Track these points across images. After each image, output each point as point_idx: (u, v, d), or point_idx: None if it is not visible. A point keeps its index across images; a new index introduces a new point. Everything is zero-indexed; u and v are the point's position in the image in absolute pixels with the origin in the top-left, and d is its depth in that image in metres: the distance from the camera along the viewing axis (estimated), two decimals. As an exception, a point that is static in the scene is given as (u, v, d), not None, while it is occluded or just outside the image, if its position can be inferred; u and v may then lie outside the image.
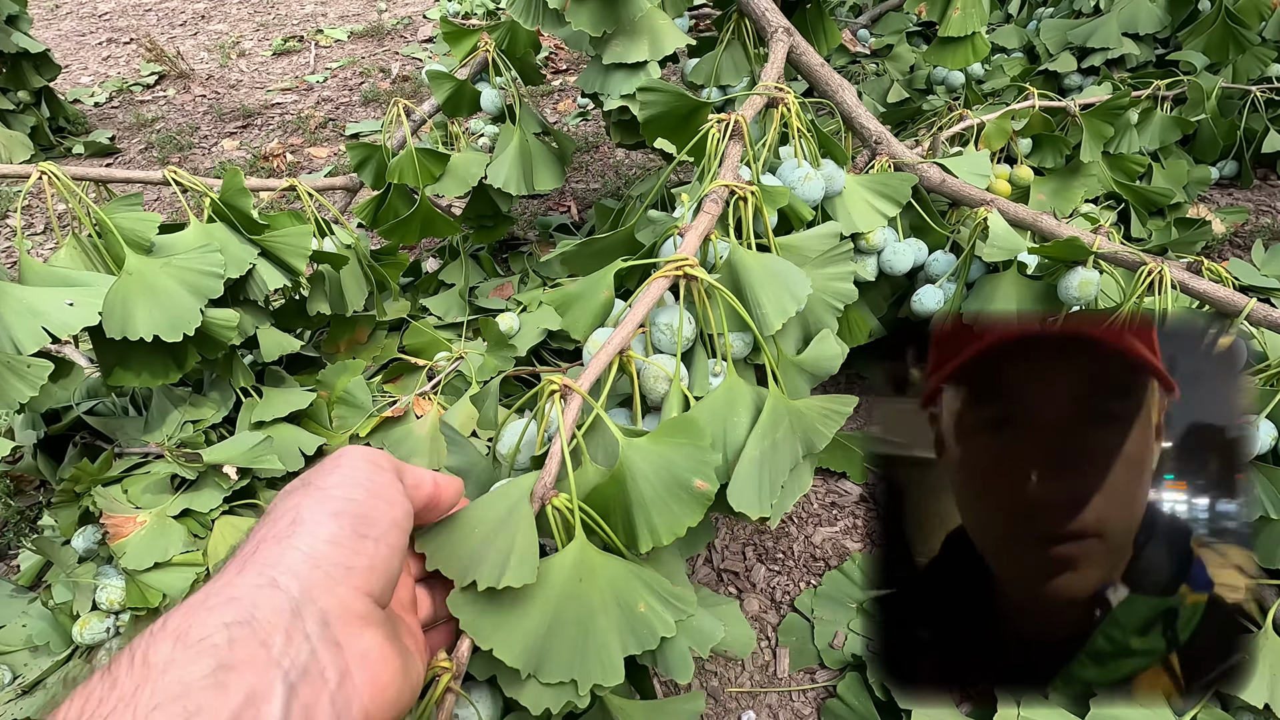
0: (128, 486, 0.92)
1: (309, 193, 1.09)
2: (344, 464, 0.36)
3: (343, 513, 0.33)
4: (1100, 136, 1.27)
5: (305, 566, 0.31)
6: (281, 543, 0.31)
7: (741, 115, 0.70)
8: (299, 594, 0.30)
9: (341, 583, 0.32)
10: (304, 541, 0.32)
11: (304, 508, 0.33)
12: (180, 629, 0.27)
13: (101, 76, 2.72)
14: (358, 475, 0.36)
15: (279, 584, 0.30)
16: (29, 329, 0.74)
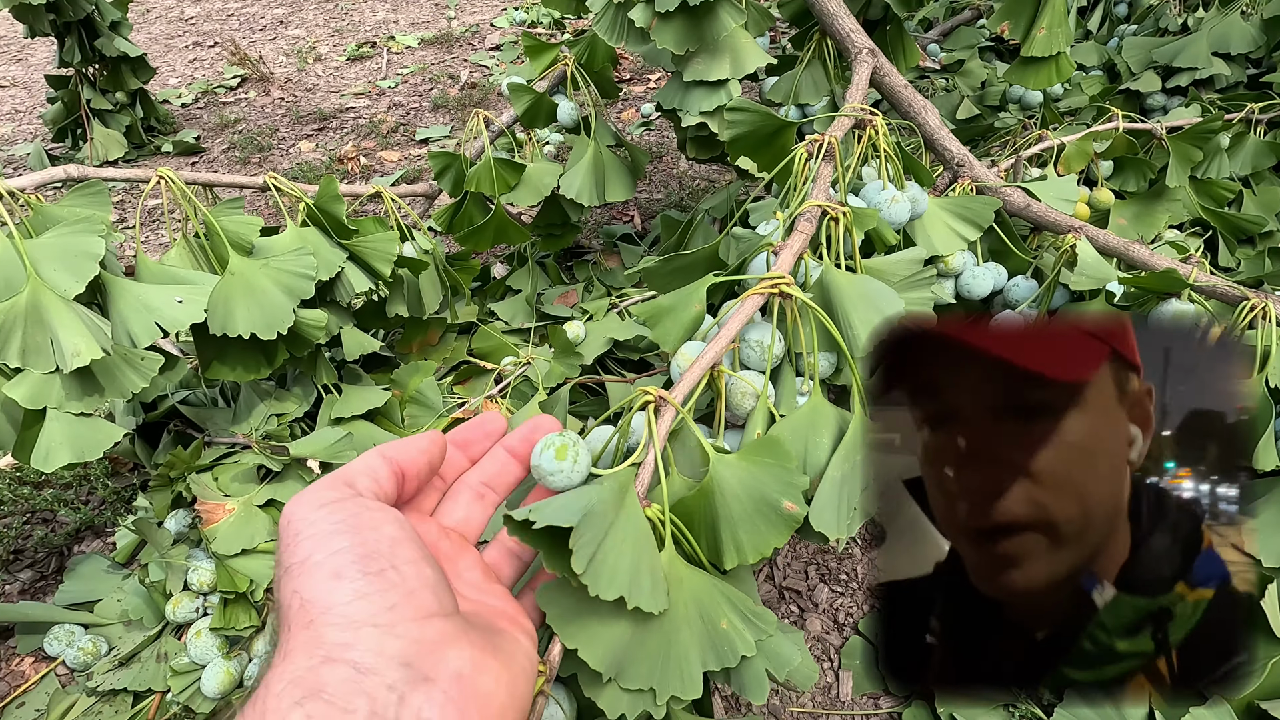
0: (218, 474, 0.97)
1: (393, 198, 1.13)
2: (299, 525, 0.32)
3: (340, 568, 0.30)
4: (1188, 160, 1.22)
5: (350, 634, 0.28)
6: (310, 627, 0.29)
7: (834, 136, 0.70)
8: (360, 656, 0.28)
9: (397, 623, 0.29)
10: (332, 616, 0.29)
11: (302, 590, 0.30)
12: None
13: (188, 79, 2.87)
14: (319, 526, 0.32)
15: (333, 657, 0.27)
16: (143, 323, 0.79)
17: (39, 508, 1.13)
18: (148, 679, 0.86)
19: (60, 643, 0.90)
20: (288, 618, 0.30)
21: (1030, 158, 1.20)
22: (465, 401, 1.18)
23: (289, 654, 0.28)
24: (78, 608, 0.96)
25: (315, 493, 0.34)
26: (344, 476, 0.36)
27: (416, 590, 0.31)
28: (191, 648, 0.86)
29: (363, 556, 0.31)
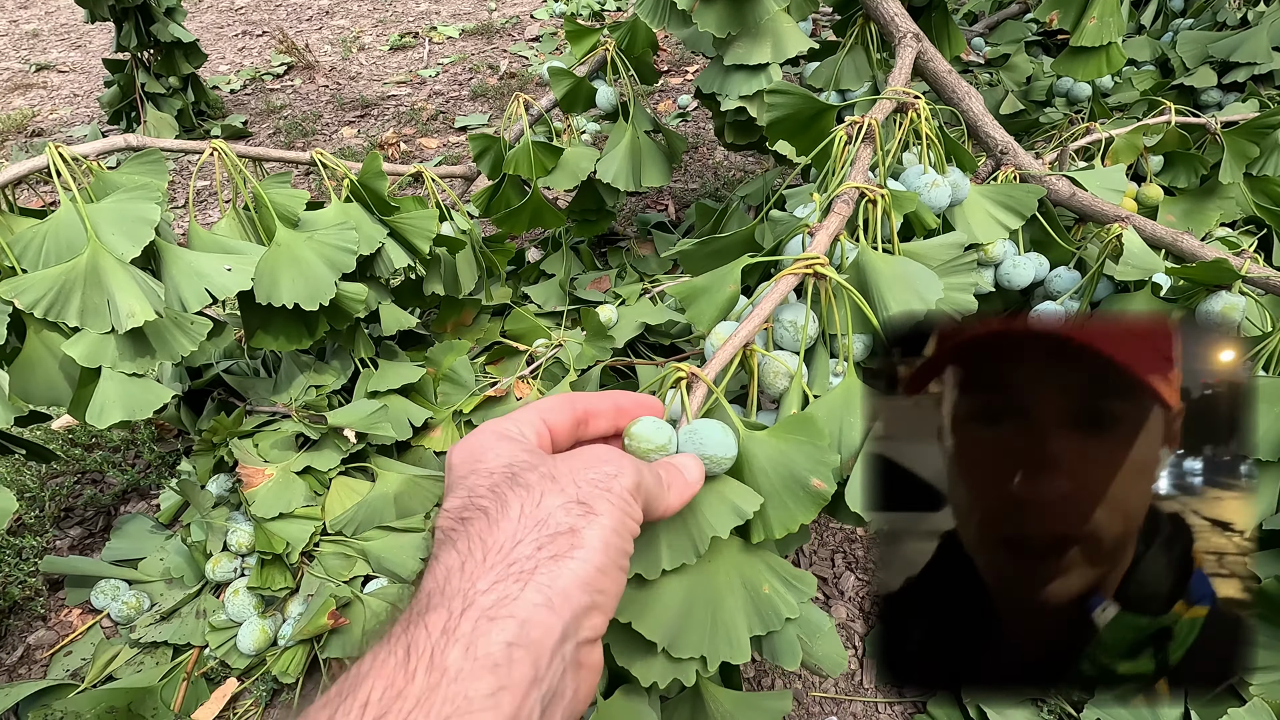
0: (259, 441, 1.00)
1: (433, 179, 1.15)
2: (614, 491, 0.36)
3: (611, 544, 0.34)
4: (1243, 157, 1.18)
5: (579, 592, 0.32)
6: (559, 562, 0.32)
7: (874, 119, 0.70)
8: (569, 620, 0.31)
9: (598, 610, 0.33)
10: (581, 567, 0.32)
11: (584, 531, 0.33)
12: (469, 638, 0.29)
13: (237, 66, 2.94)
14: (619, 509, 0.35)
15: (554, 606, 0.31)
16: (194, 289, 0.82)
17: (89, 469, 1.18)
18: (187, 634, 0.89)
19: (106, 596, 0.94)
20: (548, 539, 0.32)
21: (1077, 150, 1.17)
22: (497, 381, 1.20)
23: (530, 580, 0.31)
24: (123, 564, 1.00)
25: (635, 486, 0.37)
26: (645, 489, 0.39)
27: (616, 596, 0.35)
28: (229, 605, 0.89)
29: (622, 549, 0.35)
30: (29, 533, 1.06)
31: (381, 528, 0.97)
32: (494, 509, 0.33)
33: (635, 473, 0.38)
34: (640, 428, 0.46)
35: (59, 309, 0.74)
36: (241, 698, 0.87)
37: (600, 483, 0.36)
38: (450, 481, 0.37)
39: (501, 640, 0.29)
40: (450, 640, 0.28)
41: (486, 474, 0.36)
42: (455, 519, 0.34)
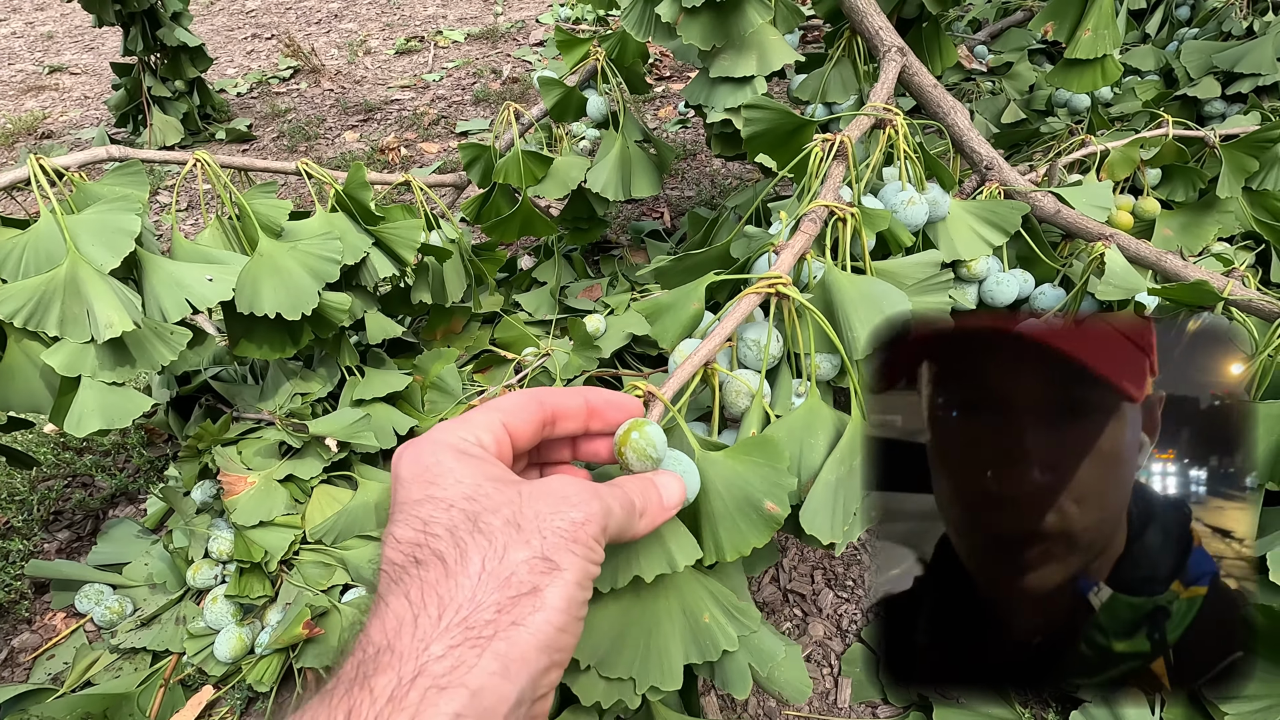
0: (242, 448, 1.01)
1: (421, 188, 1.16)
2: (581, 541, 0.33)
3: (574, 599, 0.32)
4: (1242, 171, 1.17)
5: (537, 655, 0.30)
6: (518, 627, 0.30)
7: (847, 136, 0.69)
8: (525, 684, 0.29)
9: (557, 667, 0.31)
10: (542, 629, 0.30)
11: (546, 592, 0.31)
12: (415, 709, 0.27)
13: (244, 69, 2.97)
14: (584, 559, 0.33)
15: (510, 674, 0.29)
16: (174, 299, 0.82)
17: (79, 472, 1.19)
18: (166, 640, 0.90)
19: (90, 600, 0.94)
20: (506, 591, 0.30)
21: (1071, 163, 1.16)
22: (485, 389, 1.20)
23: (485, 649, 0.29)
24: (108, 569, 1.01)
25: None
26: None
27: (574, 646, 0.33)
28: (207, 613, 0.89)
29: (582, 602, 0.33)
30: (17, 536, 1.08)
31: (362, 537, 0.97)
32: (451, 558, 0.31)
33: (603, 514, 0.35)
34: (653, 432, 0.44)
35: (38, 319, 0.75)
36: (217, 705, 0.87)
37: (567, 532, 0.33)
38: (399, 499, 0.35)
39: (449, 711, 0.27)
40: (396, 710, 0.27)
41: (444, 505, 0.33)
42: (407, 556, 0.32)
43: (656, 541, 0.48)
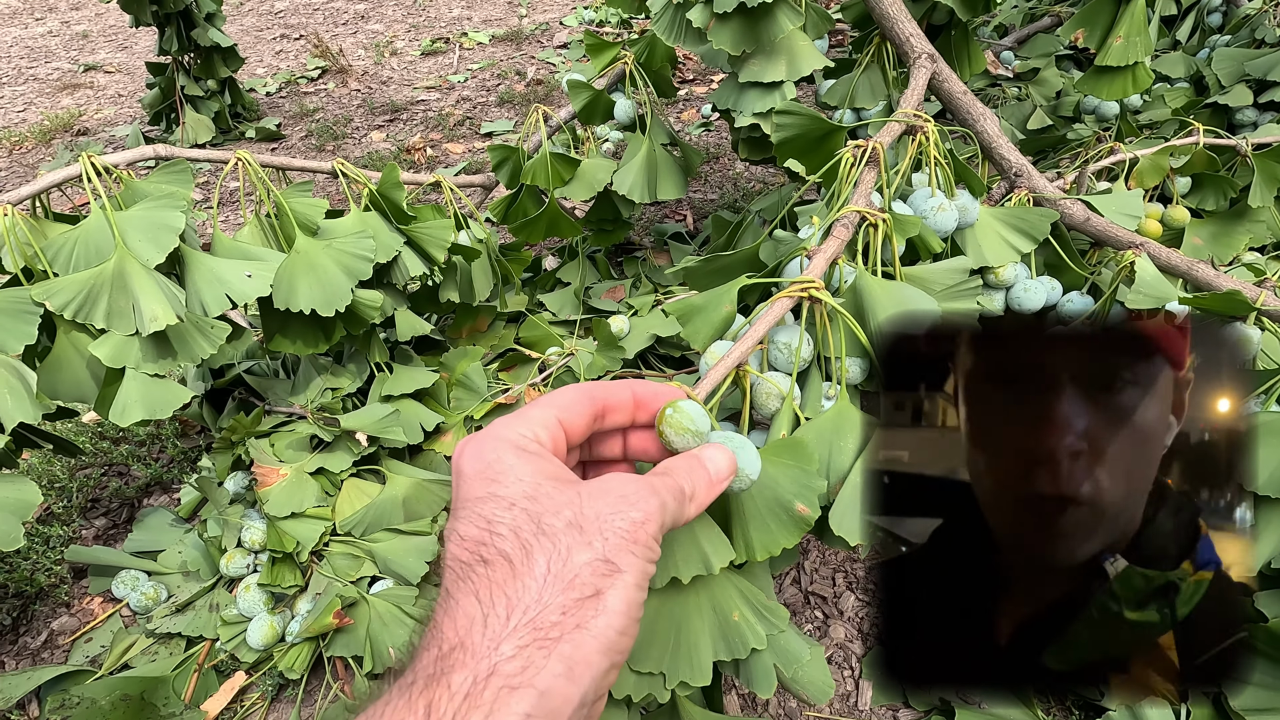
0: (275, 441, 1.03)
1: (451, 188, 1.18)
2: (640, 542, 0.34)
3: (633, 602, 0.33)
4: (1275, 180, 1.15)
5: (599, 658, 0.31)
6: (582, 630, 0.31)
7: (879, 142, 0.70)
8: (588, 686, 0.30)
9: (616, 668, 0.32)
10: (604, 632, 0.31)
11: (608, 595, 0.32)
12: (490, 707, 0.28)
13: (274, 69, 3.02)
14: (643, 559, 0.34)
15: (574, 676, 0.30)
16: (215, 295, 0.85)
17: (115, 461, 1.22)
18: (200, 626, 0.92)
19: (126, 586, 0.97)
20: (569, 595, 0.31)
21: (1099, 171, 1.15)
22: (509, 388, 1.22)
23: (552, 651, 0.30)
24: (144, 556, 1.03)
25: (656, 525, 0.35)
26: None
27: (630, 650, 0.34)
28: (240, 601, 0.91)
29: (639, 602, 0.34)
30: (57, 522, 1.11)
31: (389, 530, 0.99)
32: (517, 559, 0.32)
33: (660, 511, 0.36)
34: (689, 407, 0.43)
35: (87, 311, 0.78)
36: (249, 691, 0.89)
37: (627, 533, 0.34)
38: (462, 496, 0.35)
39: (520, 711, 0.28)
40: (473, 708, 0.28)
41: (506, 504, 0.34)
42: (473, 555, 0.33)
43: (691, 543, 0.49)
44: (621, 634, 0.32)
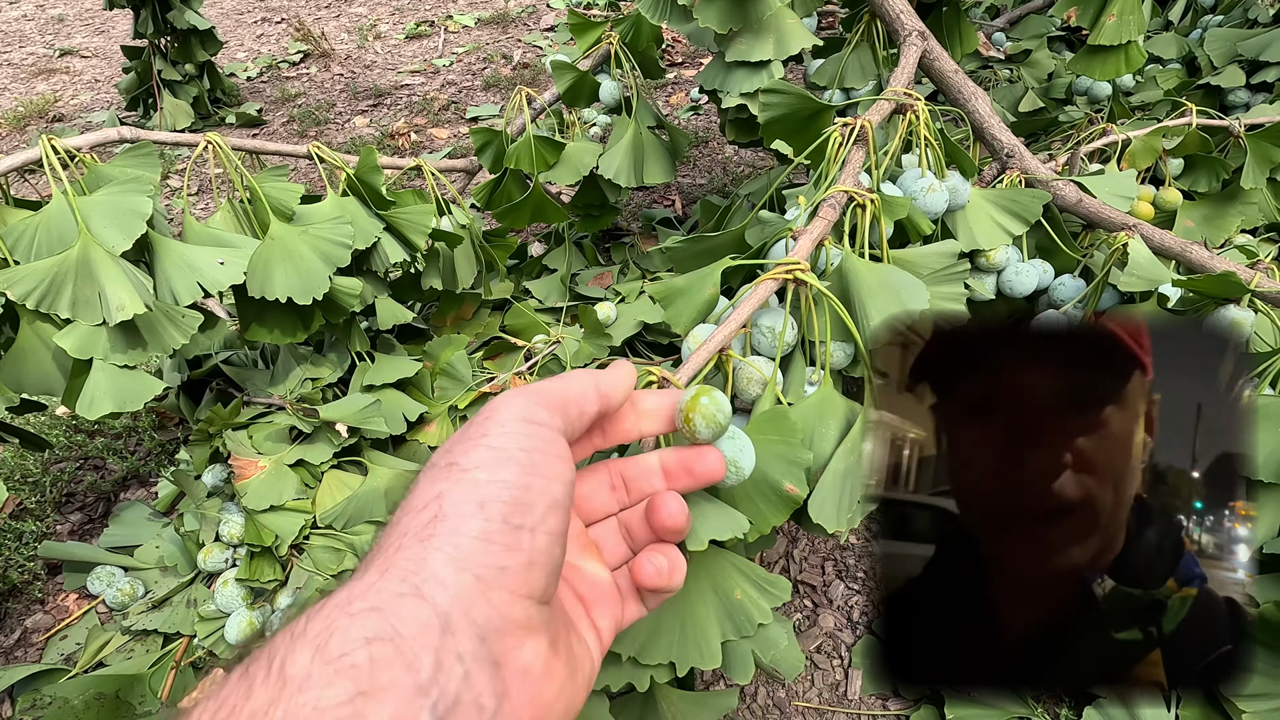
0: (253, 433, 1.01)
1: (432, 173, 1.15)
2: (492, 431, 0.31)
3: (490, 500, 0.28)
4: (1268, 161, 1.14)
5: (452, 571, 0.26)
6: (424, 542, 0.27)
7: (868, 120, 0.68)
8: (448, 605, 0.26)
9: (496, 587, 0.27)
10: (448, 541, 0.27)
11: (446, 497, 0.28)
12: (320, 637, 0.24)
13: (255, 53, 2.96)
14: (508, 445, 0.30)
15: (424, 593, 0.26)
16: (186, 283, 0.82)
17: (91, 455, 1.20)
18: (177, 623, 0.90)
19: (101, 582, 0.95)
20: (412, 520, 0.28)
21: (1091, 153, 1.14)
22: (494, 376, 1.20)
23: (390, 566, 0.27)
24: (120, 551, 1.01)
25: (530, 403, 0.33)
26: (562, 396, 0.35)
27: (536, 564, 0.28)
28: (218, 596, 0.89)
29: (513, 502, 0.29)
30: (30, 517, 1.08)
31: (371, 522, 0.97)
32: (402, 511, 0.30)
33: (524, 393, 0.33)
34: (722, 398, 0.41)
35: (50, 300, 0.75)
36: (228, 687, 0.88)
37: (470, 435, 0.31)
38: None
39: (359, 636, 0.24)
40: (299, 643, 0.24)
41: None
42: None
43: (699, 516, 0.48)
44: (482, 541, 0.28)
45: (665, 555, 0.39)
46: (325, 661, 0.23)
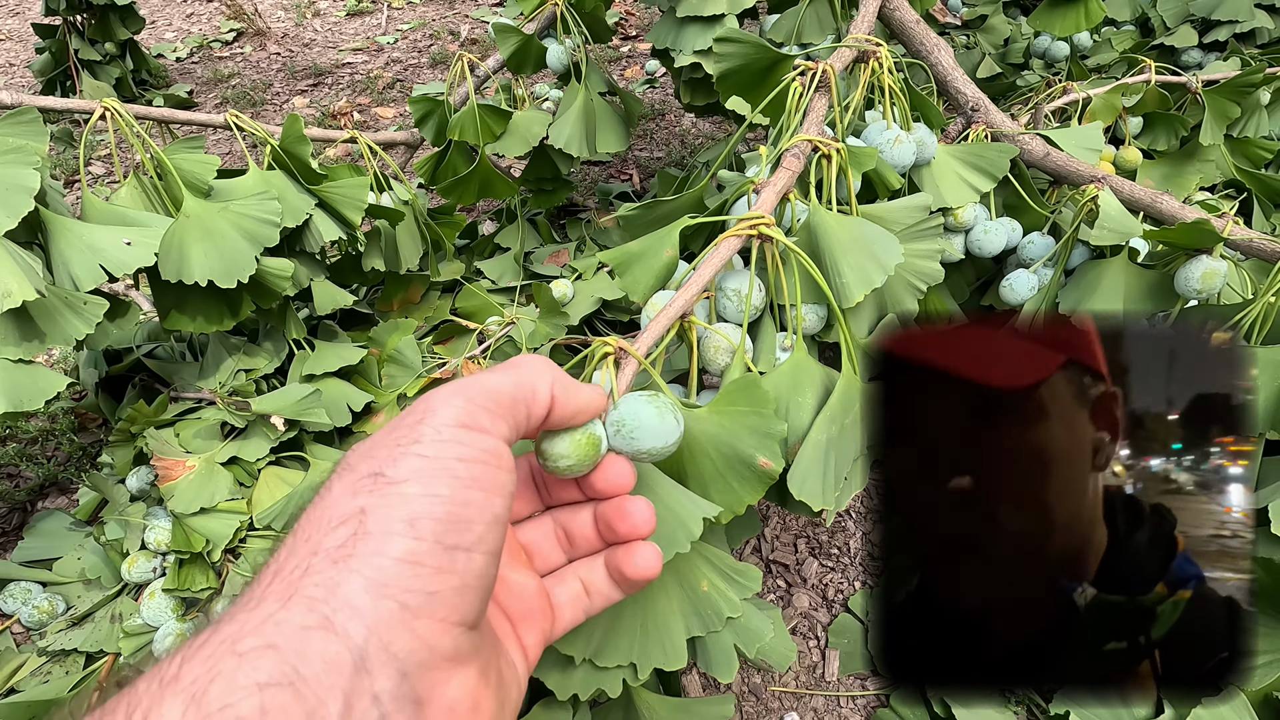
0: (180, 430, 0.93)
1: (369, 146, 1.07)
2: (425, 437, 0.27)
3: (421, 517, 0.25)
4: (1224, 117, 1.13)
5: (371, 598, 0.23)
6: (339, 564, 0.23)
7: (830, 65, 0.63)
8: (364, 639, 0.22)
9: (423, 615, 0.23)
10: (368, 563, 0.23)
11: (370, 513, 0.24)
12: (198, 684, 0.20)
13: (184, 33, 2.79)
14: (443, 455, 0.26)
15: (335, 625, 0.22)
16: (87, 266, 0.74)
17: (3, 462, 1.10)
18: (100, 640, 0.82)
19: (16, 600, 0.86)
20: (324, 538, 0.24)
21: (1053, 111, 1.11)
22: (445, 361, 1.13)
23: (294, 593, 0.23)
24: (37, 565, 0.92)
25: (469, 403, 0.28)
26: (510, 396, 0.30)
27: (470, 587, 0.25)
28: (144, 609, 0.82)
29: (448, 519, 0.25)
30: (-66, 533, 0.99)
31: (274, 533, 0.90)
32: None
33: (464, 391, 0.28)
34: (549, 444, 0.35)
35: (-76, 288, 0.66)
36: (161, 707, 0.80)
37: (399, 439, 0.26)
38: None
39: (249, 682, 0.20)
40: (168, 693, 0.20)
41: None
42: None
43: (662, 510, 0.43)
44: (408, 563, 0.24)
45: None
46: (202, 716, 0.19)
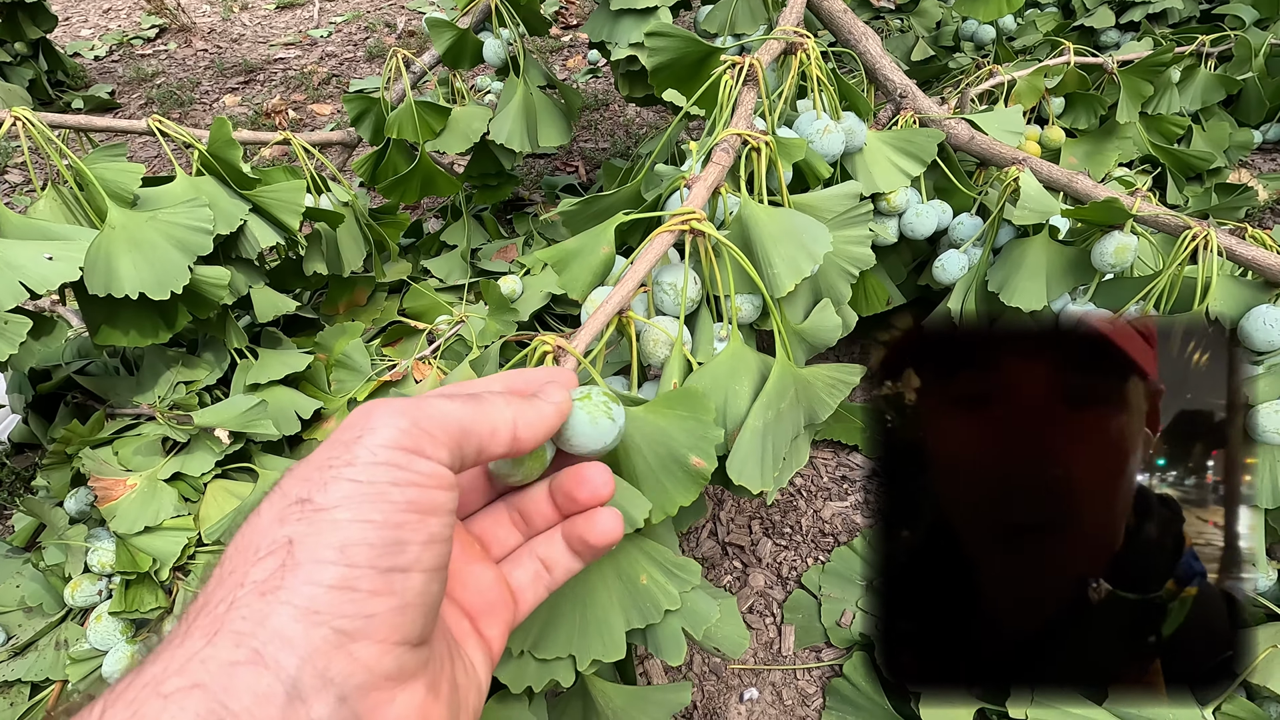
0: (118, 449, 0.90)
1: (304, 148, 1.05)
2: (359, 459, 0.26)
3: (354, 543, 0.24)
4: (1138, 96, 1.19)
5: (303, 627, 0.22)
6: (267, 595, 0.22)
7: (757, 59, 0.65)
8: (296, 669, 0.21)
9: (361, 638, 0.23)
10: (299, 593, 0.22)
11: (298, 543, 0.24)
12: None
13: (101, 30, 2.66)
14: (377, 480, 0.25)
15: (265, 657, 0.21)
16: (6, 283, 0.71)
17: (-71, 491, 1.05)
18: (45, 668, 0.80)
19: (-49, 633, 0.83)
20: (250, 569, 0.23)
21: (980, 95, 1.15)
22: (395, 364, 1.12)
23: (220, 628, 0.22)
24: (-28, 595, 0.89)
25: (406, 423, 0.27)
26: (460, 427, 0.28)
27: (410, 607, 0.25)
28: (92, 633, 0.80)
29: (382, 544, 0.24)
30: None
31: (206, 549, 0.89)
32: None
33: (410, 412, 0.27)
34: (496, 465, 0.37)
35: None
36: (114, 731, 0.79)
37: (331, 460, 0.26)
38: None
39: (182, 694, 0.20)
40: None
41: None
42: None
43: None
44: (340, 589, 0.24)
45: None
46: None
